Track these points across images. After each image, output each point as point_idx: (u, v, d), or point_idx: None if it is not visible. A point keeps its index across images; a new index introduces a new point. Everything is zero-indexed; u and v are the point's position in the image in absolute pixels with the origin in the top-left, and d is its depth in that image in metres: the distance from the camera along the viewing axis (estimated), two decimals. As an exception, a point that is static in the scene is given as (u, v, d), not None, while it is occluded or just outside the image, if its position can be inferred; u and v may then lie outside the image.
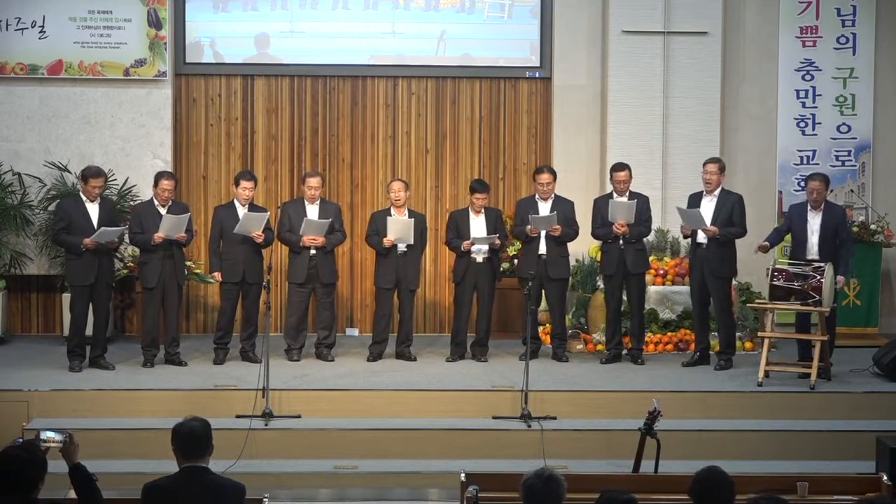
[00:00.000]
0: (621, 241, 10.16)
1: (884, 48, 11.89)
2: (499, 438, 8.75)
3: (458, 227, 10.42)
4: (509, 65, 12.02)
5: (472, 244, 10.27)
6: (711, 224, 9.93)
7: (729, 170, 11.59)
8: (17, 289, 11.56)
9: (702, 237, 10.01)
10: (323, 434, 8.73)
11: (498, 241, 10.35)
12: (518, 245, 11.28)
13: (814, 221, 9.72)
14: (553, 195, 10.37)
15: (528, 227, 10.20)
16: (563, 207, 10.34)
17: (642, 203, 10.28)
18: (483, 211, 10.42)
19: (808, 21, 11.81)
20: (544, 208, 10.33)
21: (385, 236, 10.20)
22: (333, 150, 12.00)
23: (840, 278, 9.62)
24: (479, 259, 10.33)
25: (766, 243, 9.90)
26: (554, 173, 10.44)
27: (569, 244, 10.46)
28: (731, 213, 10.00)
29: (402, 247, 10.26)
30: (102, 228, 9.63)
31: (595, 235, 10.46)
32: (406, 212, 10.42)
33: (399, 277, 10.32)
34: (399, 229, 10.20)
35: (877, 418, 9.00)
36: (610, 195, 10.35)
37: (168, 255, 9.95)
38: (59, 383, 9.31)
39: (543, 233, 10.22)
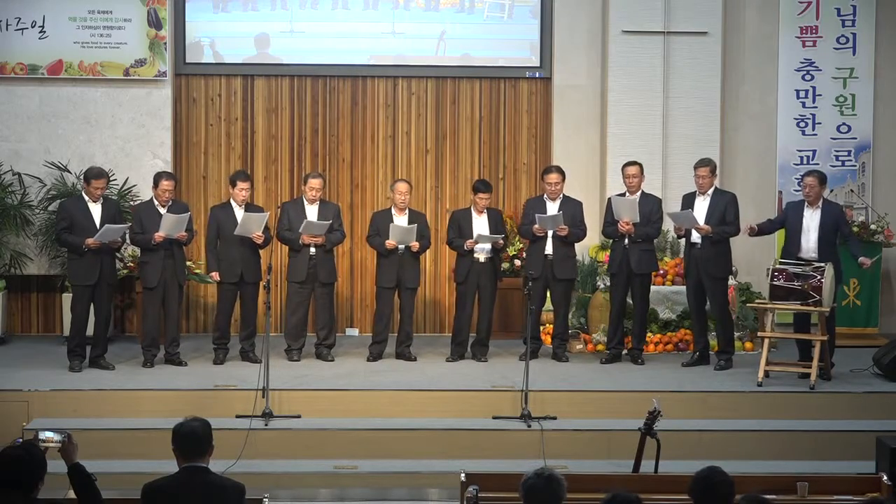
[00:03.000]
0: (626, 241, 10.16)
1: (884, 48, 11.89)
2: (499, 438, 8.74)
3: (459, 227, 10.42)
4: (509, 65, 12.02)
5: (477, 242, 10.26)
6: (705, 223, 9.94)
7: (729, 170, 11.64)
8: (17, 289, 11.57)
9: (696, 237, 10.01)
10: (323, 434, 8.72)
11: (501, 241, 10.34)
12: (518, 245, 11.29)
13: (811, 219, 9.71)
14: (562, 195, 10.37)
15: (535, 226, 10.20)
16: (572, 208, 10.33)
17: (652, 204, 10.28)
18: (485, 211, 10.42)
19: (808, 21, 11.81)
20: (552, 208, 10.31)
21: (386, 237, 10.21)
22: (333, 150, 12.00)
23: (863, 259, 9.72)
24: (482, 259, 10.32)
25: (755, 226, 9.91)
26: (563, 173, 10.42)
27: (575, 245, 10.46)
28: (725, 212, 10.00)
29: (402, 247, 10.27)
30: (106, 226, 9.63)
31: (604, 233, 10.48)
32: (407, 212, 10.42)
33: (400, 276, 10.32)
34: (401, 233, 10.20)
35: (877, 418, 8.99)
36: (624, 194, 10.35)
37: (169, 255, 9.94)
38: (59, 383, 9.30)
39: (550, 232, 10.21)
